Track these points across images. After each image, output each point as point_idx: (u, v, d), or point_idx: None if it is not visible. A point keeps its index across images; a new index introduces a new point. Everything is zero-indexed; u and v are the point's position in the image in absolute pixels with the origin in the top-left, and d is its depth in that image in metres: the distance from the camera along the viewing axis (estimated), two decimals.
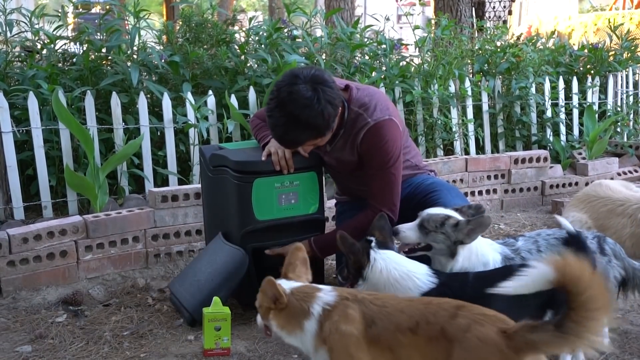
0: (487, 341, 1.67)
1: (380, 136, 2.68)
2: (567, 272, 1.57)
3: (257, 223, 2.78)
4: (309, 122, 2.52)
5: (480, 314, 1.75)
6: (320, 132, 2.59)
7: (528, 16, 15.35)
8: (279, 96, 2.54)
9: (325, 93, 2.52)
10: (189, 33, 4.46)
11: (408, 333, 1.78)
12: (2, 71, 4.07)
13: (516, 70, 5.42)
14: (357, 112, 2.71)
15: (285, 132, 2.57)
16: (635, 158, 5.60)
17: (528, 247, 2.48)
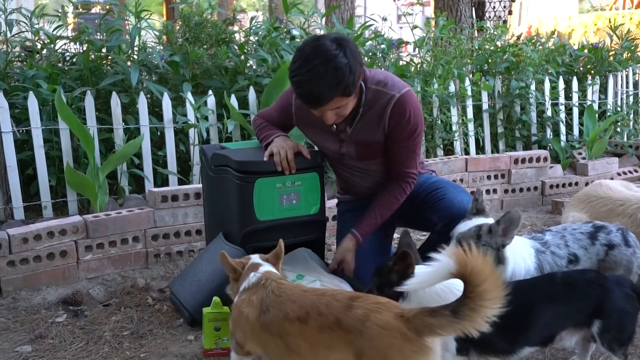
0: (388, 327, 1.74)
1: (408, 108, 2.67)
2: (468, 265, 1.66)
3: (258, 223, 2.78)
4: (336, 74, 2.45)
5: (375, 302, 1.81)
6: (346, 89, 2.50)
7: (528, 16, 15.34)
8: (304, 53, 2.49)
9: (351, 49, 2.50)
10: (189, 33, 4.46)
11: (296, 322, 1.85)
12: (2, 71, 4.06)
13: (516, 70, 5.42)
14: (376, 89, 2.69)
15: (312, 88, 2.48)
16: (635, 158, 5.60)
17: (556, 241, 2.49)
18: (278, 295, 1.97)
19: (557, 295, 2.16)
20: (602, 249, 2.50)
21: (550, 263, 2.43)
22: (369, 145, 2.78)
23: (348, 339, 1.77)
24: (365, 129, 2.73)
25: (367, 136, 2.75)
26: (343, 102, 2.56)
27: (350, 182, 3.01)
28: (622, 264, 2.47)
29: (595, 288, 2.16)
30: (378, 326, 1.74)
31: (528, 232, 4.21)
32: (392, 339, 1.72)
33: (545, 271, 2.41)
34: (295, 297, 1.92)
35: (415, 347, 1.71)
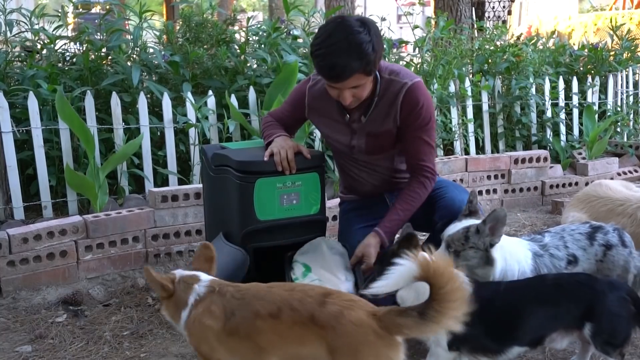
0: (361, 324, 1.78)
1: (420, 96, 2.69)
2: (430, 269, 1.71)
3: (259, 223, 2.78)
4: (359, 49, 2.45)
5: (348, 299, 1.85)
6: (367, 66, 2.51)
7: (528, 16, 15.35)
8: (327, 29, 2.53)
9: (374, 29, 2.53)
10: (189, 33, 4.46)
11: (269, 318, 1.86)
12: (2, 71, 4.06)
13: (516, 70, 5.42)
14: (389, 78, 2.71)
15: (335, 61, 2.48)
16: (635, 158, 5.60)
17: (555, 243, 2.49)
18: (241, 298, 1.95)
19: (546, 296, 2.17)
20: (600, 249, 2.50)
21: (548, 266, 2.43)
22: (378, 136, 2.78)
23: (321, 335, 1.79)
24: (377, 119, 2.74)
25: (379, 126, 2.75)
26: (362, 81, 2.57)
27: (357, 179, 2.99)
28: (620, 264, 2.47)
29: (585, 290, 2.16)
30: (352, 323, 1.78)
31: (528, 232, 4.22)
32: (365, 335, 1.77)
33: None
34: (262, 294, 1.92)
35: (386, 344, 1.78)
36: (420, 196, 2.75)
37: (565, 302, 2.16)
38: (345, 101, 2.63)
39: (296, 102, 2.93)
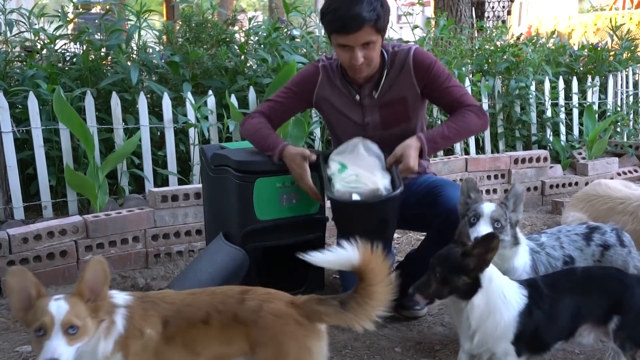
0: (280, 314, 1.81)
1: (427, 55, 2.82)
2: (370, 263, 1.77)
3: (258, 223, 2.78)
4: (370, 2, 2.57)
5: (265, 293, 1.88)
6: (378, 21, 2.60)
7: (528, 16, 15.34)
8: None
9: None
10: (189, 33, 4.47)
11: (201, 325, 1.83)
12: (2, 71, 4.07)
13: (516, 70, 5.42)
14: (393, 50, 2.82)
15: (349, 10, 2.57)
16: (635, 158, 5.60)
17: (552, 243, 2.49)
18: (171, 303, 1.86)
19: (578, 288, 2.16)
20: (597, 249, 2.50)
21: (544, 263, 2.44)
22: (394, 106, 2.81)
23: (245, 332, 1.80)
24: (391, 88, 2.80)
25: (393, 95, 2.81)
26: (372, 37, 2.63)
27: None
28: (618, 264, 2.48)
29: (615, 283, 2.16)
30: (272, 314, 1.80)
31: (528, 232, 4.22)
32: (285, 325, 1.80)
33: (540, 271, 2.41)
34: (189, 301, 1.87)
35: (307, 332, 1.81)
36: (469, 121, 2.77)
37: (595, 294, 2.16)
38: (356, 61, 2.65)
39: (302, 91, 2.92)
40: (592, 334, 2.19)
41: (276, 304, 1.83)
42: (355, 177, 2.64)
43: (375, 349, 2.61)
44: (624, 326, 2.12)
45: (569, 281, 2.19)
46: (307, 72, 2.94)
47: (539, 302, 2.12)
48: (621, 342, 2.13)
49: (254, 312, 1.81)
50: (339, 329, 2.78)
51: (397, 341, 2.68)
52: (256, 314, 1.80)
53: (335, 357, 2.55)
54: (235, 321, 1.81)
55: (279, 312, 1.81)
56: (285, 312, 1.81)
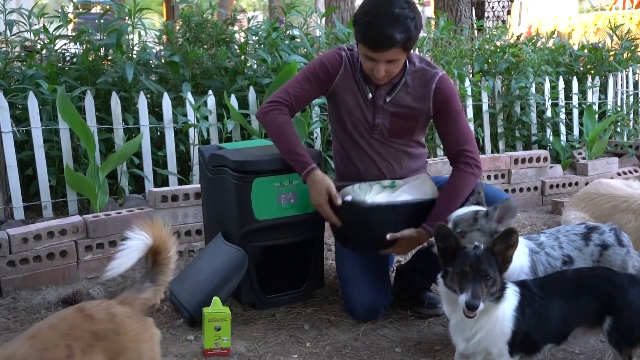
0: (130, 315, 1.81)
1: (451, 84, 2.83)
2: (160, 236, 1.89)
3: (257, 222, 2.78)
4: (406, 23, 2.56)
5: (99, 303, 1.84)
6: (408, 41, 2.60)
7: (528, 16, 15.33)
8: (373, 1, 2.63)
9: (417, 9, 2.65)
10: (189, 33, 4.46)
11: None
12: (2, 71, 4.07)
13: (516, 70, 5.42)
14: (420, 65, 2.81)
15: (383, 29, 2.55)
16: (635, 158, 5.59)
17: (551, 243, 2.49)
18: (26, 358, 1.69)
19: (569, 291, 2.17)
20: (596, 249, 2.50)
21: (544, 264, 2.43)
22: (406, 118, 2.82)
23: (106, 346, 1.74)
24: (405, 100, 2.80)
25: (406, 107, 2.80)
26: (399, 56, 2.65)
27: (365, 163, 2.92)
28: (617, 263, 2.47)
29: (606, 284, 2.16)
30: (126, 317, 1.79)
31: (528, 232, 4.22)
32: (137, 323, 1.82)
33: (539, 271, 2.41)
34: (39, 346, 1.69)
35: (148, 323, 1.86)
36: (465, 187, 2.72)
37: (586, 296, 2.16)
38: (378, 74, 2.68)
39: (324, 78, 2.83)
40: (586, 335, 2.20)
41: (117, 307, 1.81)
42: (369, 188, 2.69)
43: (375, 349, 2.61)
44: (617, 326, 2.12)
45: (560, 284, 2.20)
46: (331, 59, 2.85)
47: (531, 302, 2.12)
48: (616, 342, 2.14)
49: (109, 321, 1.76)
50: (339, 328, 2.79)
51: (397, 341, 2.68)
52: (113, 323, 1.76)
53: (335, 357, 2.55)
54: (95, 340, 1.73)
55: (128, 313, 1.81)
56: (125, 312, 1.81)
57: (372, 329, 2.79)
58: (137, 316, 1.83)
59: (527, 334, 2.12)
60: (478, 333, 2.10)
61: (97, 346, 1.72)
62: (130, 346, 1.77)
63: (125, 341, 1.77)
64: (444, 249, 2.10)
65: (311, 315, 2.92)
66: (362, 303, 2.80)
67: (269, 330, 2.77)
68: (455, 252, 2.07)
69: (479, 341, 2.10)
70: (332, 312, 2.95)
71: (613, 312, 2.13)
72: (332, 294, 3.14)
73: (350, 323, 2.84)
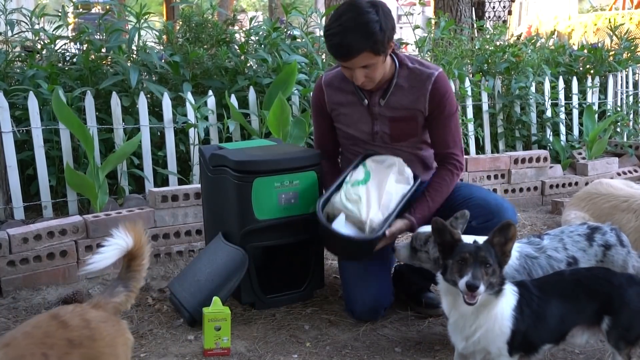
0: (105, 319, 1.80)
1: (446, 84, 2.79)
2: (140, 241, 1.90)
3: (257, 222, 2.78)
4: (366, 28, 2.52)
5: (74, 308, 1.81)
6: (375, 45, 2.55)
7: (528, 16, 15.35)
8: (338, 10, 2.62)
9: (384, 10, 2.59)
10: (189, 33, 4.46)
11: None
12: (2, 71, 4.07)
13: (516, 70, 5.42)
14: (414, 66, 2.79)
15: (343, 37, 2.54)
16: (635, 158, 5.60)
17: (554, 245, 2.48)
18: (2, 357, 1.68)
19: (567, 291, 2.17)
20: (599, 249, 2.50)
21: (544, 267, 2.42)
22: (405, 121, 2.81)
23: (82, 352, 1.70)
24: (401, 102, 2.78)
25: (403, 109, 2.79)
26: (372, 60, 2.61)
27: None
28: (619, 264, 2.48)
29: (604, 284, 2.16)
30: (101, 322, 1.78)
31: (528, 232, 4.22)
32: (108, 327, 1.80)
33: (535, 275, 2.40)
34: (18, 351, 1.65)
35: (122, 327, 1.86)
36: (448, 184, 2.82)
37: (584, 297, 2.16)
38: (357, 81, 2.68)
39: (320, 111, 2.97)
40: (584, 334, 2.20)
41: (92, 312, 1.79)
42: (358, 198, 2.67)
43: (375, 349, 2.61)
44: (615, 326, 2.13)
45: (558, 284, 2.21)
46: (314, 93, 2.99)
47: (529, 301, 2.13)
48: (615, 342, 2.14)
49: (84, 328, 1.74)
50: (339, 328, 2.79)
51: (397, 341, 2.68)
52: (89, 329, 1.73)
53: (335, 357, 2.55)
54: (71, 347, 1.70)
55: (102, 317, 1.80)
56: (100, 315, 1.80)
57: (372, 329, 2.79)
58: (111, 320, 1.82)
59: (526, 334, 2.12)
60: (477, 331, 2.10)
61: (73, 354, 1.69)
62: (107, 352, 1.76)
63: (101, 347, 1.74)
64: (442, 243, 2.13)
65: (311, 315, 2.92)
66: (363, 303, 2.79)
67: (269, 330, 2.77)
68: (452, 245, 2.09)
69: (478, 340, 2.11)
70: (332, 312, 2.95)
71: (611, 312, 2.13)
72: (332, 294, 3.14)
73: (350, 323, 2.84)
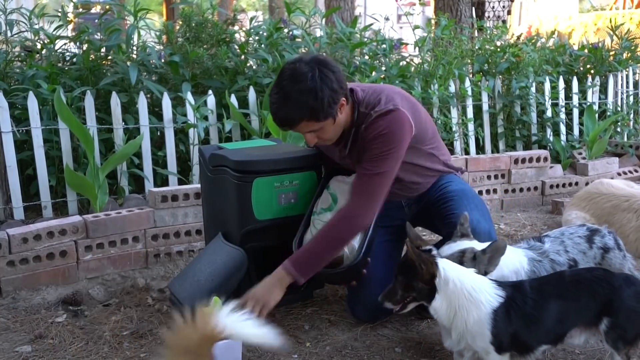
0: None
1: (381, 124, 2.53)
2: None
3: (257, 223, 2.78)
4: (300, 98, 2.42)
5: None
6: (313, 114, 2.45)
7: (528, 16, 15.33)
8: (279, 78, 2.52)
9: (323, 73, 2.45)
10: (189, 33, 4.46)
11: None
12: (2, 71, 4.07)
13: (516, 70, 5.42)
14: (364, 112, 2.61)
15: (279, 109, 2.50)
16: (635, 158, 5.60)
17: (556, 248, 2.48)
18: None
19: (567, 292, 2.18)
20: (598, 252, 2.51)
21: (548, 271, 2.43)
22: None
23: None
24: (359, 150, 2.65)
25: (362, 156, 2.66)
26: (315, 127, 2.52)
27: None
28: (616, 267, 2.49)
29: (603, 285, 2.16)
30: None
31: (528, 232, 4.22)
32: None
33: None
34: None
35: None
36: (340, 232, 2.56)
37: (584, 298, 2.17)
38: (310, 143, 2.64)
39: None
40: (583, 335, 2.21)
41: None
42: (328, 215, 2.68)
43: (375, 349, 2.61)
44: (614, 327, 2.14)
45: (557, 285, 2.21)
46: None
47: (520, 304, 2.13)
48: (613, 342, 2.15)
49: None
50: (339, 328, 2.79)
51: (397, 341, 2.68)
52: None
53: (335, 357, 2.55)
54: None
55: None
56: None
57: (372, 329, 2.79)
58: None
59: (516, 336, 2.13)
60: (452, 331, 2.16)
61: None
62: None
63: None
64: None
65: (311, 315, 2.92)
66: (365, 305, 2.79)
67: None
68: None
69: (457, 338, 2.16)
70: (332, 312, 2.95)
71: (610, 313, 2.14)
72: (332, 294, 3.14)
73: (350, 323, 2.84)
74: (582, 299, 2.17)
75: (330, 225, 2.57)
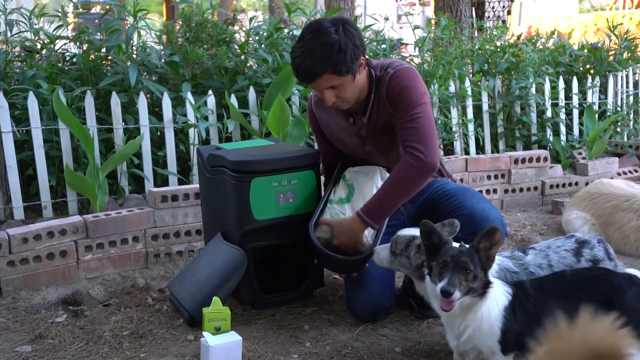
0: None
1: (402, 79, 2.63)
2: None
3: (256, 222, 2.78)
4: (324, 50, 2.49)
5: None
6: (336, 66, 2.51)
7: (528, 16, 15.33)
8: (302, 33, 2.60)
9: (346, 28, 2.53)
10: (189, 33, 4.46)
11: None
12: (2, 71, 4.06)
13: (516, 70, 5.42)
14: (379, 75, 2.70)
15: (302, 61, 2.54)
16: (635, 158, 5.59)
17: (538, 261, 2.42)
18: None
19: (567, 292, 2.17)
20: (587, 265, 2.47)
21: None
22: (382, 132, 2.76)
23: None
24: (381, 114, 2.73)
25: (380, 125, 2.75)
26: (336, 81, 2.57)
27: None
28: None
29: (604, 285, 2.16)
30: None
31: (528, 232, 4.22)
32: None
33: None
34: None
35: None
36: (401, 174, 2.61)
37: (584, 298, 2.16)
38: (327, 102, 2.65)
39: (318, 130, 3.02)
40: None
41: None
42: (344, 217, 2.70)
43: (375, 349, 2.61)
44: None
45: (558, 285, 2.21)
46: (308, 115, 3.04)
47: (524, 303, 2.13)
48: None
49: None
50: (339, 328, 2.79)
51: (397, 341, 2.68)
52: None
53: (335, 357, 2.55)
54: None
55: None
56: None
57: (372, 329, 2.79)
58: None
59: (521, 335, 2.12)
60: (466, 330, 2.12)
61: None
62: None
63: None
64: (429, 245, 2.15)
65: (311, 315, 2.92)
66: (364, 305, 2.79)
67: (269, 330, 2.77)
68: (439, 248, 2.11)
69: (468, 339, 2.12)
70: (332, 312, 2.95)
71: (612, 309, 2.13)
72: (332, 294, 3.14)
73: (350, 323, 2.84)
74: (583, 298, 2.17)
75: (397, 172, 2.62)
